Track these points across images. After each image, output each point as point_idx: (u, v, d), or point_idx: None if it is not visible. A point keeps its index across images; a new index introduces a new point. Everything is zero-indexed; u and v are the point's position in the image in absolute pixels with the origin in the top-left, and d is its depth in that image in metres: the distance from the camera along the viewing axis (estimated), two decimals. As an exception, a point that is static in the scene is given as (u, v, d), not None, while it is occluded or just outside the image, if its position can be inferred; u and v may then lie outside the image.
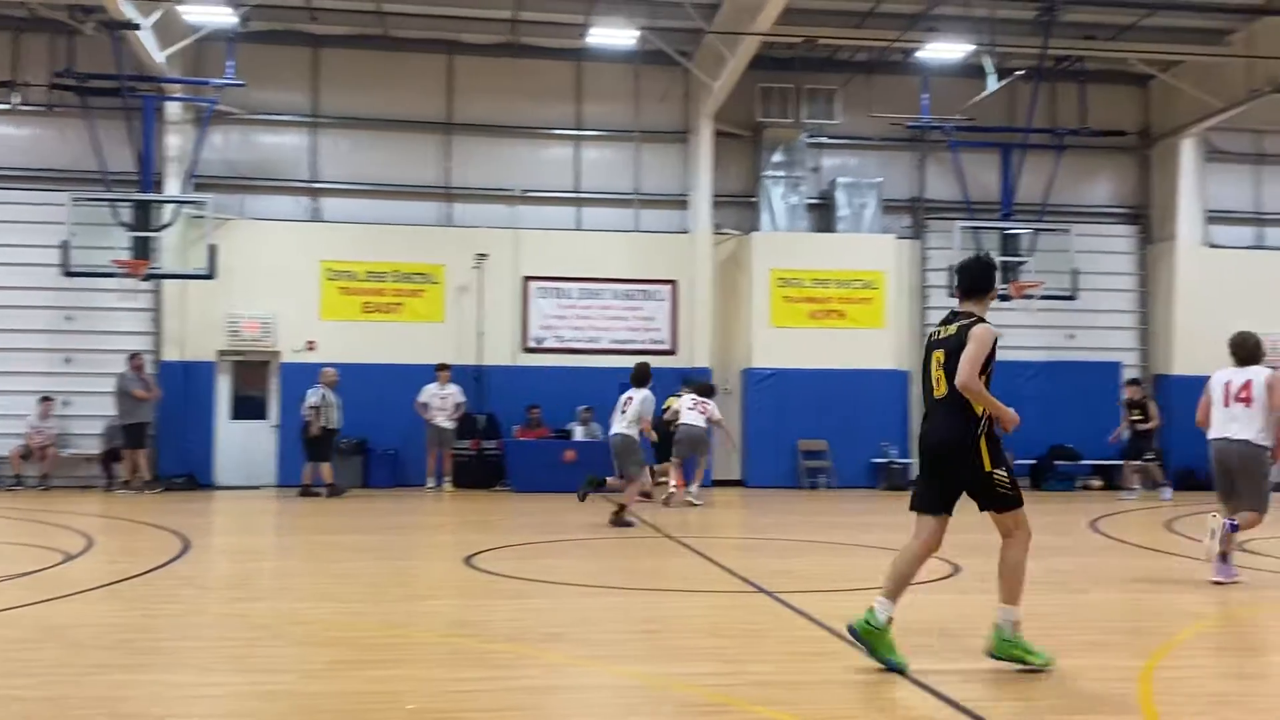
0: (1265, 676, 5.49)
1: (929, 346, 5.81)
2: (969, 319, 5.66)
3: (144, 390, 16.83)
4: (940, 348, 5.67)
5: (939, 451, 5.71)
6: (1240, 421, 8.35)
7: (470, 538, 11.30)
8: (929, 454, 5.77)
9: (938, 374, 5.68)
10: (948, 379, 5.57)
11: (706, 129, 18.85)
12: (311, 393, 16.45)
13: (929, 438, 5.76)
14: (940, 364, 5.65)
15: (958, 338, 5.57)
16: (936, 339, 5.76)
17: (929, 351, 5.78)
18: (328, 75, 19.01)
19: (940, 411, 5.67)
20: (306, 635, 6.38)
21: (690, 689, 5.09)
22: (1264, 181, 21.00)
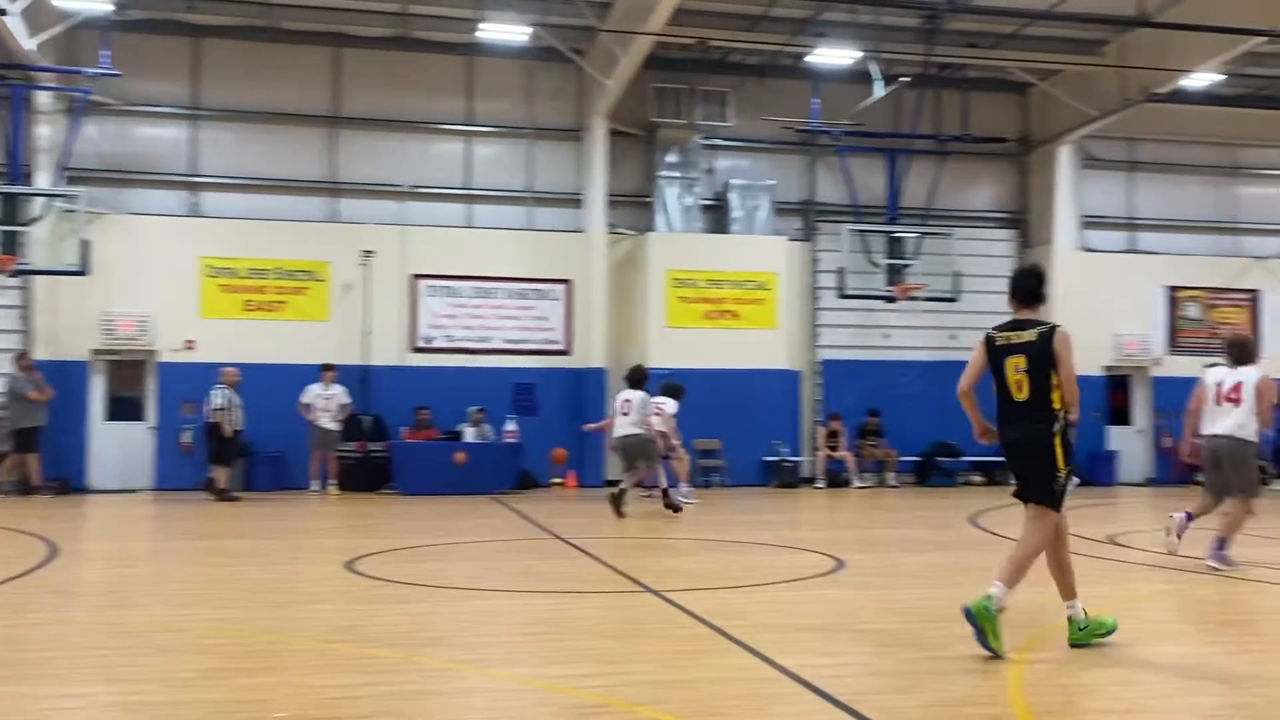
0: (1129, 667, 5.66)
1: (1002, 351, 6.10)
2: (1044, 325, 6.05)
3: (36, 392, 16.15)
4: (1019, 354, 6.00)
5: (1024, 449, 6.08)
6: (1230, 418, 8.92)
7: (353, 542, 11.08)
8: (1016, 452, 6.13)
9: (1018, 378, 5.99)
10: (1030, 383, 5.95)
11: (600, 128, 18.82)
12: (215, 393, 15.97)
13: (1014, 436, 6.10)
14: (1021, 369, 5.97)
15: (1040, 345, 5.94)
16: (1009, 345, 6.07)
17: (1002, 357, 6.08)
18: (209, 66, 18.48)
19: (1023, 413, 6.02)
20: (178, 643, 6.17)
21: (570, 691, 5.04)
22: (1136, 188, 21.79)
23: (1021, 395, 6.01)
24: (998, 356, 6.13)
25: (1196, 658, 5.87)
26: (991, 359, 6.16)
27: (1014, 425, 6.09)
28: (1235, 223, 22.10)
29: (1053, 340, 5.95)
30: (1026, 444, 6.04)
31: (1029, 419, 6.01)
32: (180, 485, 16.93)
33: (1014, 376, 6.02)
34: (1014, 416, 6.08)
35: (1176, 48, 17.28)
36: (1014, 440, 6.10)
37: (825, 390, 20.12)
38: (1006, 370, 6.06)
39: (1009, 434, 6.13)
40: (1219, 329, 21.55)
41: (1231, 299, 21.65)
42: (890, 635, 6.40)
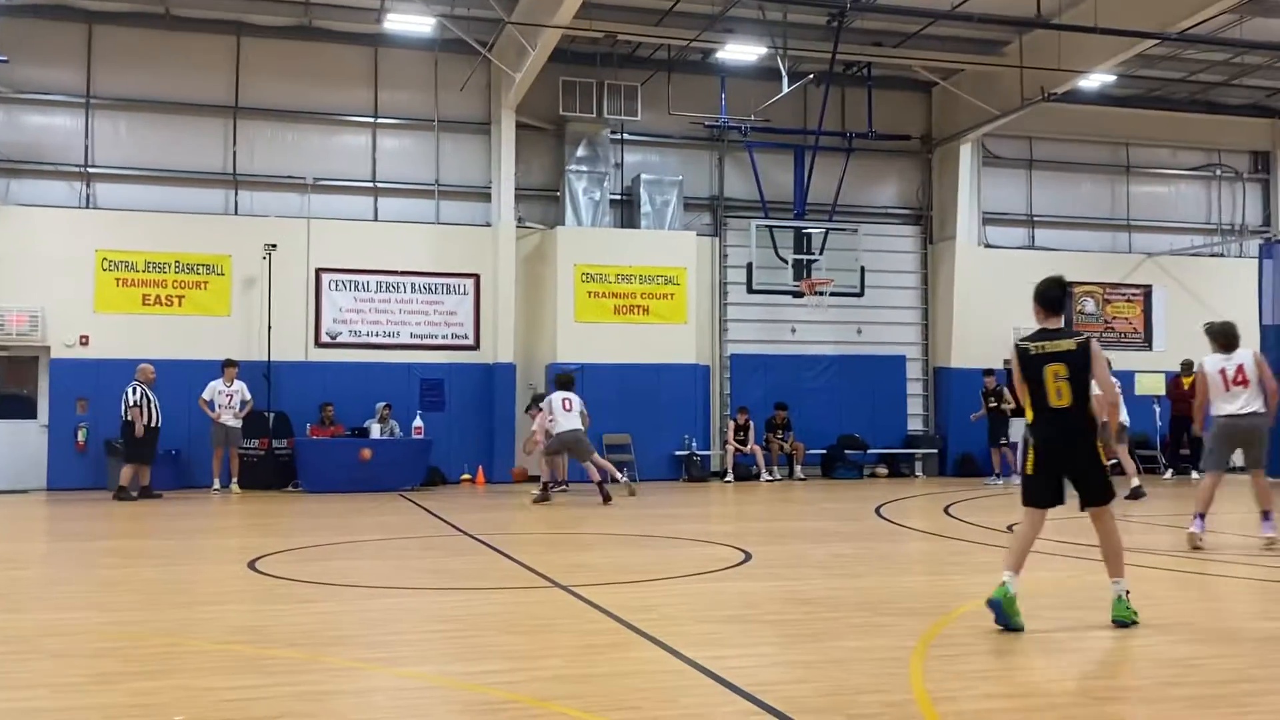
0: (1027, 652, 5.80)
1: (1039, 360, 6.37)
2: (1077, 335, 6.50)
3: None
4: (1058, 361, 6.31)
5: (1068, 452, 6.37)
6: (1243, 399, 9.70)
7: (256, 541, 10.86)
8: (1059, 454, 6.38)
9: (1058, 385, 6.30)
10: (1072, 390, 6.28)
11: (508, 121, 18.71)
12: (130, 390, 15.51)
13: (1061, 439, 6.36)
14: (1061, 377, 6.29)
15: (1079, 353, 6.30)
16: (1047, 353, 6.37)
17: (1040, 365, 6.35)
18: (103, 53, 17.94)
19: (1065, 418, 6.31)
20: (68, 647, 5.97)
21: (477, 688, 5.01)
22: (1035, 185, 22.37)
23: (1062, 402, 6.32)
24: (1036, 365, 6.39)
25: (1089, 641, 6.04)
26: (1027, 368, 6.42)
27: (1061, 430, 6.37)
28: (1128, 220, 22.82)
29: (1090, 349, 6.34)
30: (1077, 450, 6.35)
31: (1073, 422, 6.32)
32: (74, 485, 16.43)
33: (1054, 384, 6.31)
34: (1059, 422, 6.36)
35: (1073, 49, 17.77)
36: (1058, 442, 6.38)
37: (733, 385, 20.29)
38: (1046, 378, 6.33)
39: (1055, 439, 6.38)
40: (1113, 323, 22.26)
41: (1125, 294, 22.35)
42: (794, 626, 6.48)
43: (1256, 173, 23.67)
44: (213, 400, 16.59)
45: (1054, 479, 6.44)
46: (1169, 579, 8.23)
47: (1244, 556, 9.37)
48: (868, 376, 20.81)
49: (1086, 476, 6.39)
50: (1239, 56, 19.97)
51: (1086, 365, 6.31)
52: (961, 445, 20.72)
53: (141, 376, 15.74)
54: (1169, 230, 22.95)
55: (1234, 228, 23.35)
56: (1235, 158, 23.47)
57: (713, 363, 20.28)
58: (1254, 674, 5.35)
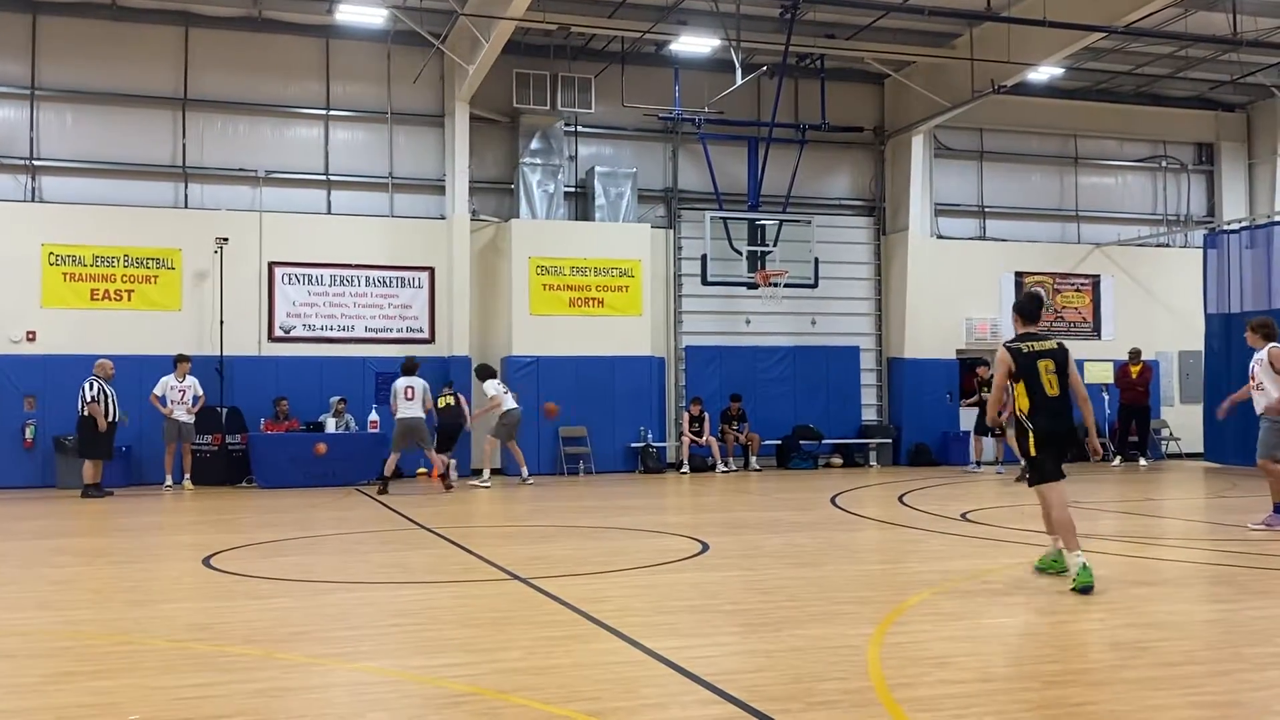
0: (981, 638, 5.89)
1: (1033, 357, 7.51)
2: (1055, 337, 7.94)
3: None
4: (1048, 358, 7.50)
5: (1068, 433, 7.56)
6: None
7: (210, 537, 10.76)
8: (1062, 435, 7.53)
9: (1050, 378, 7.45)
10: (1060, 381, 7.46)
11: (462, 113, 18.60)
12: (88, 385, 15.27)
13: (1061, 424, 7.50)
14: (1051, 370, 7.46)
15: (1060, 352, 7.56)
16: (1038, 351, 7.53)
17: (1034, 361, 7.49)
18: (47, 44, 17.62)
19: (1060, 405, 7.47)
20: (19, 647, 5.90)
21: (437, 681, 5.01)
22: (986, 177, 22.61)
23: (1055, 391, 7.44)
24: (1029, 362, 7.49)
25: (1041, 626, 6.15)
26: (1022, 365, 7.48)
27: (1058, 416, 7.48)
28: (1076, 211, 23.14)
29: (1067, 350, 7.60)
30: (1070, 428, 7.54)
31: (1066, 408, 7.51)
32: (22, 483, 16.17)
33: (1047, 377, 7.44)
34: (1056, 409, 7.46)
35: (1022, 42, 17.98)
36: (1062, 426, 7.49)
37: (689, 376, 20.34)
38: (1040, 372, 7.45)
39: (1056, 425, 7.47)
40: (1063, 312, 22.57)
41: (1074, 283, 22.67)
42: (753, 615, 6.53)
43: (1201, 164, 24.08)
44: (165, 396, 16.36)
45: (1057, 454, 7.50)
46: (1117, 563, 8.38)
47: (1190, 541, 9.56)
48: (822, 367, 20.95)
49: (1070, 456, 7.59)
50: (1184, 50, 20.29)
51: (1066, 362, 7.50)
52: (915, 435, 20.94)
53: (100, 372, 15.50)
54: (1117, 221, 23.30)
55: (1179, 218, 23.75)
56: (1180, 149, 23.86)
57: (668, 355, 20.33)
58: (1202, 656, 5.47)
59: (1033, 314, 7.79)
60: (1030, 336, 7.62)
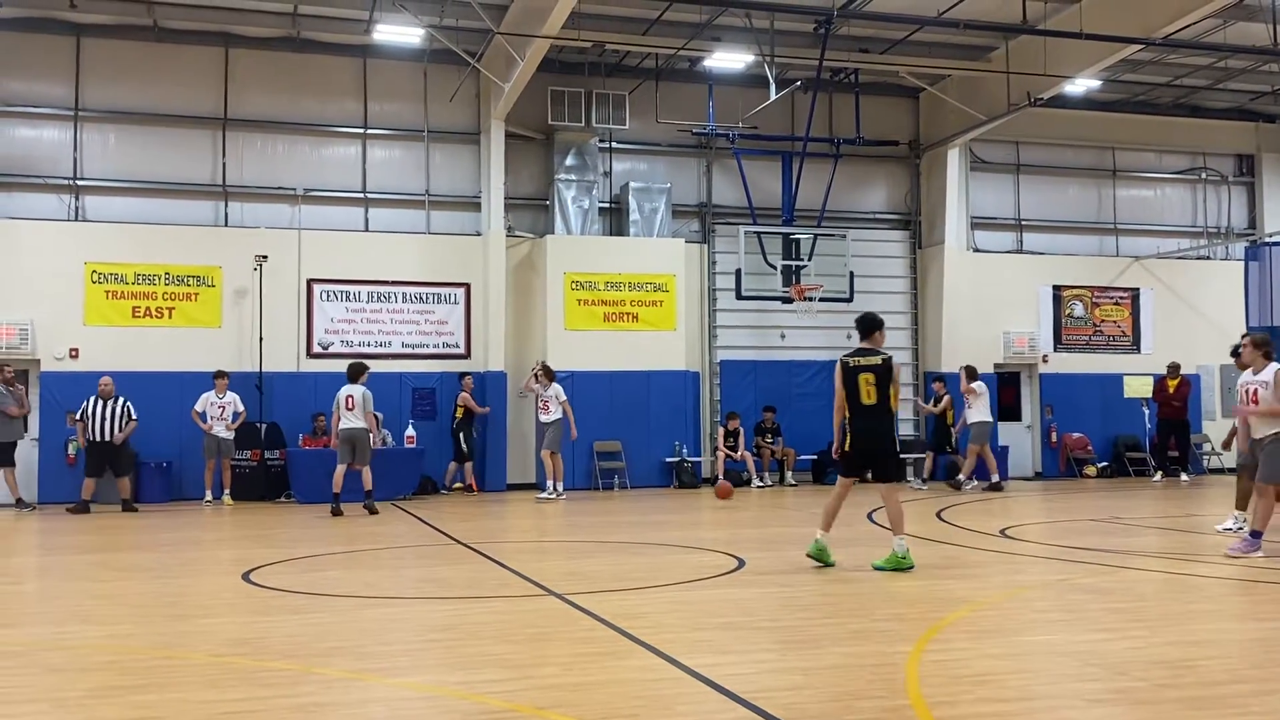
0: (1020, 656, 5.84)
1: (855, 371, 8.73)
2: (884, 354, 8.88)
3: (17, 407, 15.69)
4: (869, 372, 8.69)
5: (877, 442, 8.76)
6: None
7: (249, 552, 10.85)
8: (870, 443, 8.73)
9: (868, 389, 8.66)
10: (879, 393, 8.65)
11: (498, 130, 18.73)
12: (86, 401, 15.59)
13: (870, 433, 8.74)
14: (871, 384, 8.65)
15: (885, 366, 8.71)
16: (860, 365, 8.73)
17: (856, 374, 8.71)
18: (91, 66, 17.93)
19: (875, 415, 8.69)
20: (65, 662, 5.97)
21: (475, 697, 5.02)
22: (1023, 190, 22.47)
23: (871, 400, 8.66)
24: (852, 375, 8.70)
25: (1082, 645, 6.08)
26: (847, 377, 8.70)
27: (867, 422, 8.69)
28: (1115, 223, 22.94)
29: (892, 366, 8.79)
30: (879, 437, 8.73)
31: (880, 419, 8.68)
32: (66, 498, 16.38)
33: (865, 388, 8.64)
34: (867, 416, 8.69)
35: (1059, 54, 17.88)
36: (870, 434, 8.71)
37: (723, 391, 20.32)
38: (860, 384, 8.65)
39: (865, 429, 8.71)
40: (1101, 326, 22.37)
41: (1114, 296, 22.46)
42: (790, 632, 6.50)
43: (1241, 176, 23.82)
44: (205, 412, 16.56)
45: (864, 458, 8.77)
46: (1160, 580, 8.28)
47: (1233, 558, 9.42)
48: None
49: (883, 459, 8.78)
50: (1223, 61, 20.11)
51: (888, 377, 8.66)
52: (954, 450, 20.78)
53: (98, 389, 15.70)
54: (1156, 233, 23.08)
55: (1219, 230, 23.49)
56: (1220, 161, 23.61)
57: (702, 369, 20.33)
58: (1247, 675, 5.39)
59: (866, 330, 8.92)
60: (862, 352, 8.83)
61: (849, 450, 8.77)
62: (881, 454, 8.73)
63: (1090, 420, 21.74)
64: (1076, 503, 15.79)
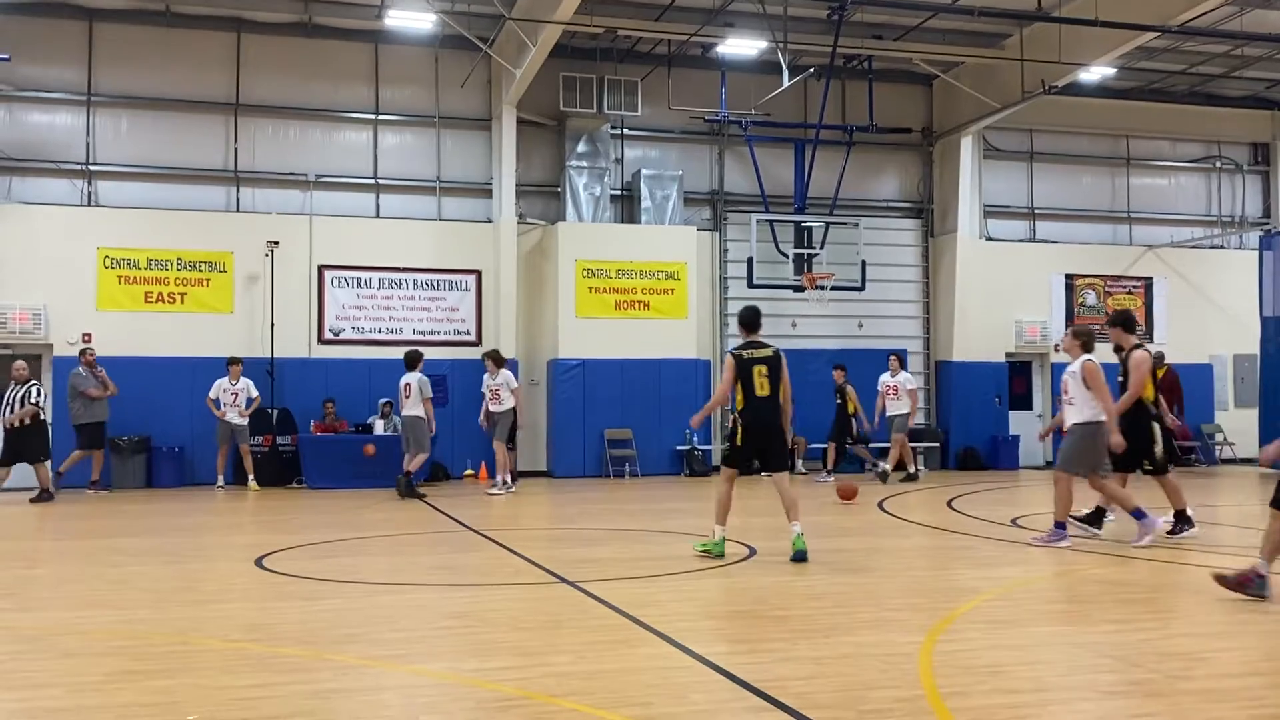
0: (1034, 647, 5.83)
1: (750, 362, 8.81)
2: (773, 346, 9.02)
3: (99, 389, 15.74)
4: (763, 364, 8.81)
5: (769, 430, 8.82)
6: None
7: (261, 538, 10.89)
8: (762, 431, 8.79)
9: (762, 381, 8.76)
10: (771, 384, 8.78)
11: (509, 117, 18.70)
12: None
13: (762, 422, 8.79)
14: (764, 375, 8.78)
15: (776, 358, 8.89)
16: (754, 358, 8.83)
17: (751, 366, 8.78)
18: (104, 51, 17.94)
19: (768, 406, 8.79)
20: (80, 646, 6.00)
21: (488, 685, 5.04)
22: (1036, 178, 22.37)
23: (764, 392, 8.78)
24: (747, 367, 8.80)
25: (1095, 636, 6.07)
26: (741, 369, 8.79)
27: (764, 413, 8.78)
28: (1128, 212, 22.84)
29: (781, 356, 8.94)
30: (771, 426, 8.83)
31: (773, 409, 8.81)
32: (79, 483, 16.44)
33: (759, 379, 8.77)
34: (764, 407, 8.78)
35: (1073, 42, 17.77)
36: (761, 423, 8.79)
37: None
38: (754, 375, 8.77)
39: (761, 421, 8.78)
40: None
41: (1126, 286, 22.38)
42: (802, 621, 6.51)
43: (1256, 164, 23.68)
44: (218, 398, 16.60)
45: (756, 449, 8.85)
46: (1173, 571, 8.26)
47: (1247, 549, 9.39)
48: (869, 370, 20.77)
49: (775, 448, 8.88)
50: (1239, 49, 19.97)
51: (779, 368, 8.82)
52: (964, 439, 20.77)
53: (12, 373, 15.19)
54: (1169, 222, 22.98)
55: (1234, 219, 23.37)
56: (1235, 150, 23.48)
57: (713, 357, 20.30)
58: (1263, 667, 5.39)
59: (752, 324, 9.12)
60: (753, 345, 8.95)
61: (740, 442, 8.86)
62: (773, 444, 8.84)
63: (1102, 410, 21.64)
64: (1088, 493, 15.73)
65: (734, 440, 8.93)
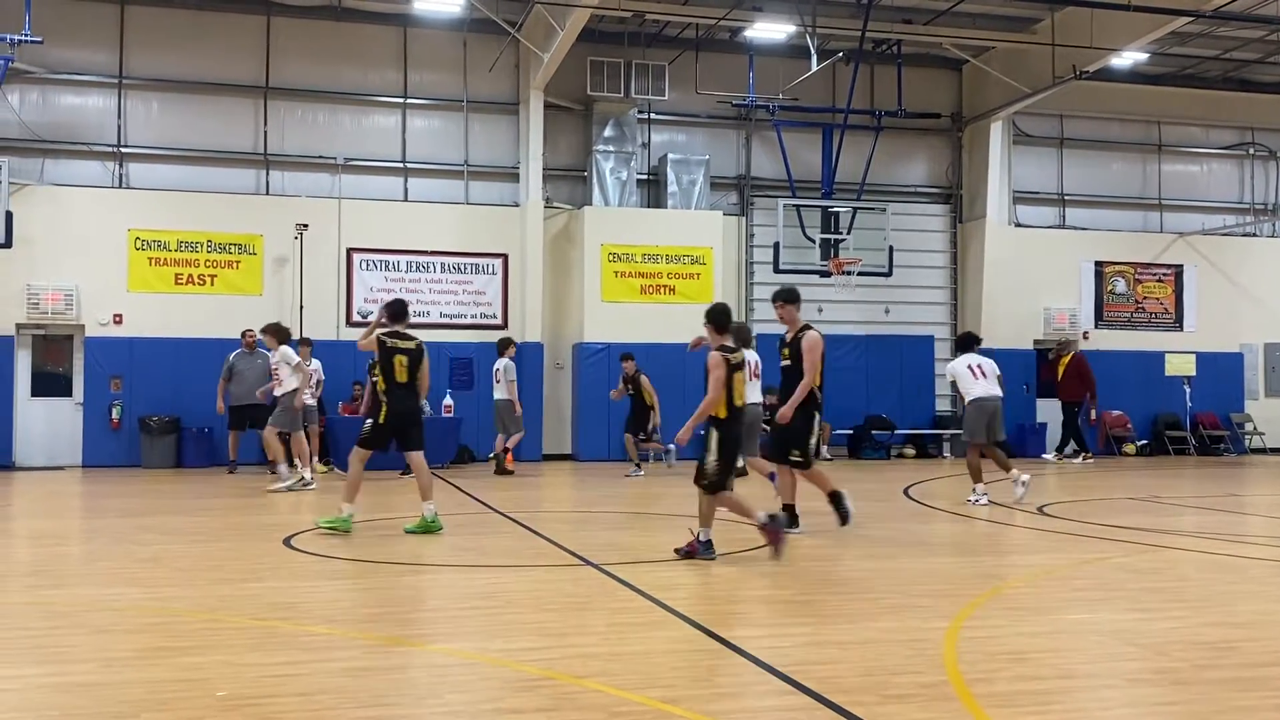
0: (1058, 634, 5.82)
1: (393, 351, 9.56)
2: (417, 339, 9.82)
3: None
4: (404, 354, 9.62)
5: (409, 416, 9.67)
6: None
7: (290, 518, 10.99)
8: (404, 417, 9.60)
9: (402, 369, 9.58)
10: (409, 373, 9.61)
11: (537, 101, 18.71)
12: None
13: (405, 408, 9.62)
14: (404, 365, 9.58)
15: (418, 350, 9.74)
16: (398, 347, 9.59)
17: (393, 354, 9.55)
18: (135, 34, 18.06)
19: (407, 391, 9.65)
20: (112, 622, 6.09)
21: (512, 665, 5.08)
22: (1066, 164, 22.19)
23: (403, 379, 9.55)
24: (389, 355, 9.53)
25: (1122, 624, 6.05)
26: (383, 355, 9.54)
27: (404, 399, 9.60)
28: (1159, 199, 22.62)
29: (423, 349, 9.78)
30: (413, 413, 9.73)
31: (413, 396, 9.70)
32: (109, 462, 16.64)
33: (400, 368, 9.53)
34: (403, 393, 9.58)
35: (1105, 26, 17.59)
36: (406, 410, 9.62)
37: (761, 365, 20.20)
38: (395, 364, 9.53)
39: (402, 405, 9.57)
40: (1144, 303, 22.11)
41: (1156, 273, 22.19)
42: (826, 607, 6.52)
43: (1291, 151, 23.40)
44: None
45: (396, 430, 9.59)
46: (1201, 560, 8.21)
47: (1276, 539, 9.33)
48: (895, 357, 20.76)
49: (412, 431, 9.66)
50: (1274, 34, 19.70)
51: (420, 359, 9.70)
52: (990, 426, 20.65)
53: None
54: (1201, 209, 22.74)
55: (1267, 207, 23.10)
56: (1269, 136, 23.18)
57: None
58: (1288, 657, 5.35)
59: (398, 315, 9.78)
60: (399, 335, 9.67)
61: (383, 423, 9.55)
62: (411, 426, 9.67)
63: (1130, 398, 21.52)
64: (1115, 481, 15.67)
65: (376, 421, 9.61)
